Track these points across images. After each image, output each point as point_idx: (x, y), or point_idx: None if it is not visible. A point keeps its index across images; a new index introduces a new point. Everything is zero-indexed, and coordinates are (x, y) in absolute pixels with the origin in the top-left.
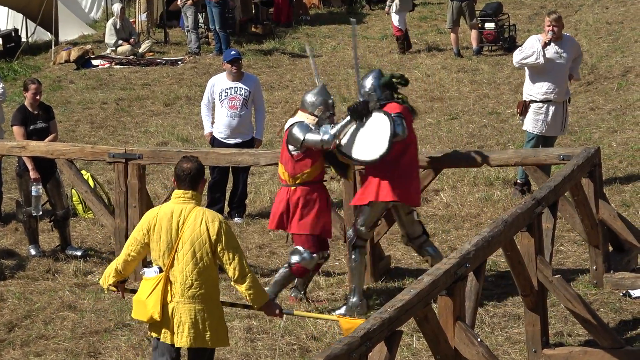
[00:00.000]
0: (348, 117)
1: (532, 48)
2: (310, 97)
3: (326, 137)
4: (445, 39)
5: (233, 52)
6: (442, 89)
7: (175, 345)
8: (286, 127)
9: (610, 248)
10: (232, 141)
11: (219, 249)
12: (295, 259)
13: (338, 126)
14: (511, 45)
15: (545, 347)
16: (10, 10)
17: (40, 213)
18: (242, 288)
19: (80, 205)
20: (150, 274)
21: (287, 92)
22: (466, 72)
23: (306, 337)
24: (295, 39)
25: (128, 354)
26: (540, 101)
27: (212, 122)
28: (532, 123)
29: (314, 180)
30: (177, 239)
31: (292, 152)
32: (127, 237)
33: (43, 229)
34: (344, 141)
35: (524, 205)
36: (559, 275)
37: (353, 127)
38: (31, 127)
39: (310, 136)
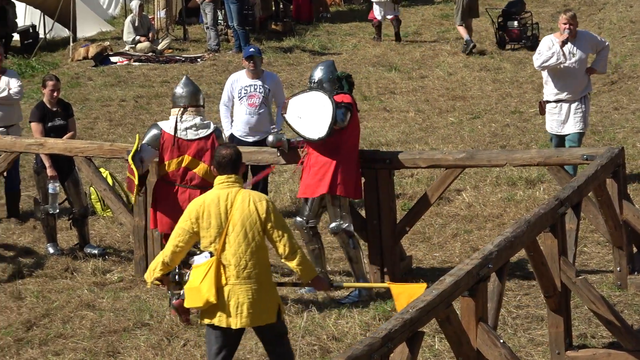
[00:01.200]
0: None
1: (550, 50)
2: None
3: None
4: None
5: (251, 49)
6: (464, 88)
7: (234, 327)
8: (210, 131)
9: (635, 249)
10: (250, 139)
11: (268, 227)
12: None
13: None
14: (534, 44)
15: (568, 349)
16: (28, 6)
17: (58, 211)
18: (292, 264)
19: (99, 203)
20: (201, 260)
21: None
22: (488, 71)
23: (327, 338)
24: (315, 36)
25: (147, 353)
26: (554, 101)
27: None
28: (548, 123)
29: None
30: (227, 222)
31: None
32: (146, 235)
33: (61, 227)
34: (289, 111)
35: (547, 205)
36: (583, 277)
37: (300, 100)
38: (49, 124)
39: None
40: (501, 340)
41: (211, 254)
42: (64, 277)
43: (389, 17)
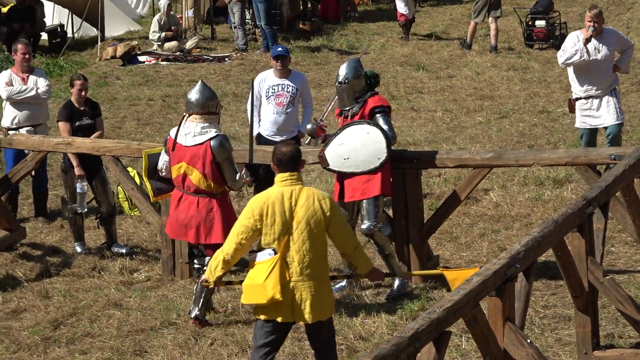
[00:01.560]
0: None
1: (574, 47)
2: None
3: (237, 185)
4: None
5: (279, 49)
6: (492, 87)
7: (296, 322)
8: (206, 138)
9: None
10: (278, 138)
11: (331, 224)
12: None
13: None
14: (562, 43)
15: (595, 349)
16: (56, 5)
17: (86, 210)
18: (353, 259)
19: (127, 202)
20: (264, 257)
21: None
22: (516, 71)
23: (354, 337)
24: (343, 36)
25: (174, 352)
26: (584, 97)
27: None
28: (579, 119)
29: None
30: (292, 220)
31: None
32: None
33: (89, 226)
34: (330, 161)
35: (575, 205)
36: (610, 277)
37: (335, 145)
38: (77, 123)
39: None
40: (528, 340)
41: (274, 251)
42: (91, 276)
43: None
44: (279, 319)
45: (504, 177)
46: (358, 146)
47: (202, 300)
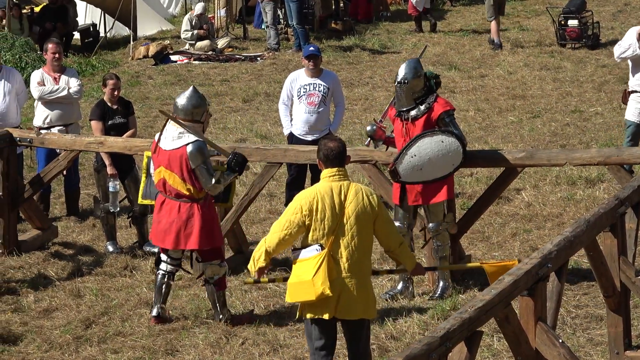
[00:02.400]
0: (230, 172)
1: (628, 41)
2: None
3: (214, 189)
4: (528, 36)
5: (311, 48)
6: (524, 87)
7: (342, 319)
8: (183, 142)
9: None
10: (309, 138)
11: (378, 221)
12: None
13: (226, 181)
14: (595, 43)
15: (627, 349)
16: (88, 5)
17: (118, 209)
18: (399, 256)
19: None
20: (311, 253)
21: (367, 89)
22: (549, 70)
23: (385, 337)
24: (375, 35)
25: (205, 351)
26: (638, 91)
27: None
28: (631, 111)
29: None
30: (342, 215)
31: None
32: None
33: (120, 225)
34: (403, 174)
35: (607, 205)
36: None
37: (409, 159)
38: (109, 122)
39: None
40: (560, 340)
41: (321, 247)
42: (123, 275)
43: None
44: (326, 316)
45: (536, 176)
46: (432, 156)
47: (218, 304)
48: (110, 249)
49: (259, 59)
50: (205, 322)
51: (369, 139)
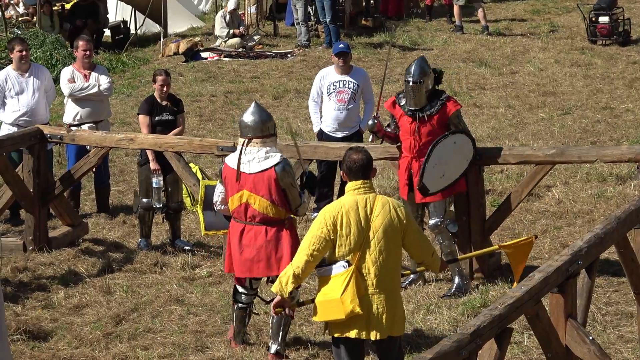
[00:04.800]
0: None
1: None
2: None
3: (303, 208)
4: (560, 33)
5: (341, 45)
6: (554, 84)
7: (371, 338)
8: (271, 164)
9: None
10: (339, 135)
11: (407, 234)
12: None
13: (308, 200)
14: (625, 40)
15: None
16: (119, 2)
17: (161, 205)
18: (430, 266)
19: (189, 198)
20: (339, 270)
21: (397, 85)
22: (579, 67)
23: (415, 334)
24: (405, 32)
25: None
26: None
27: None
28: None
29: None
30: (368, 229)
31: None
32: None
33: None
34: (428, 184)
35: (638, 202)
36: None
37: (431, 169)
38: (157, 117)
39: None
40: (590, 337)
41: (348, 263)
42: (153, 271)
43: None
44: (353, 334)
45: (566, 173)
46: (449, 160)
47: (281, 333)
48: (142, 245)
49: (289, 55)
50: None
51: (371, 135)
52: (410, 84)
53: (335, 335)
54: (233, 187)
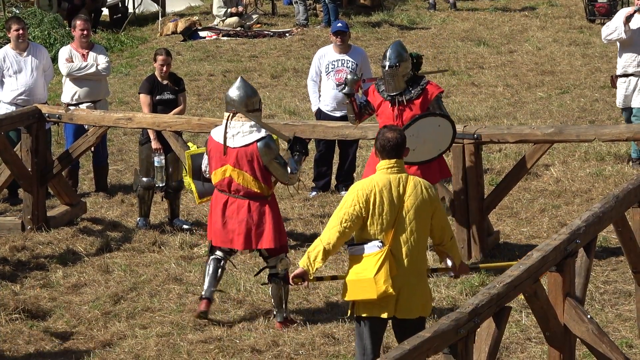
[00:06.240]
0: (299, 155)
1: (614, 23)
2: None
3: (292, 180)
4: (558, 11)
5: (339, 25)
6: (553, 63)
7: (400, 317)
8: (253, 139)
9: None
10: (338, 114)
11: (436, 214)
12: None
13: (298, 167)
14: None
15: None
16: None
17: (163, 184)
18: (449, 249)
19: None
20: (373, 249)
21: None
22: (578, 46)
23: None
24: (404, 11)
25: (234, 327)
26: (622, 75)
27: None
28: (618, 97)
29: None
30: (401, 209)
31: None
32: None
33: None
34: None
35: (636, 180)
36: None
37: (409, 137)
38: (157, 97)
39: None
40: (588, 316)
41: (382, 243)
42: (151, 250)
43: None
44: (384, 315)
45: (564, 152)
46: (428, 138)
47: (284, 302)
48: (141, 224)
49: (287, 34)
50: (234, 298)
51: (343, 85)
52: (386, 68)
53: (363, 314)
54: (217, 160)
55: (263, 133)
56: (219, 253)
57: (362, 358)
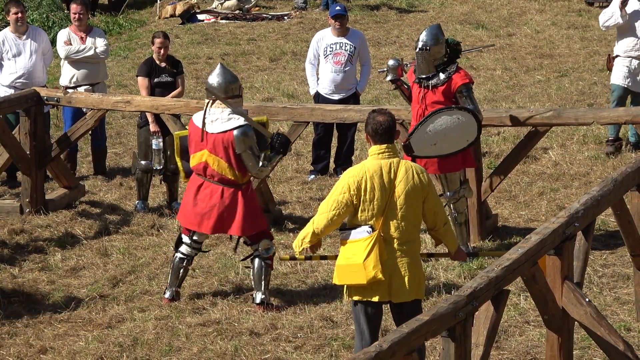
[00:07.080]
0: (275, 154)
1: (611, 9)
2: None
3: (260, 173)
4: None
5: (337, 8)
6: (551, 46)
7: (394, 302)
8: (231, 126)
9: None
10: (336, 97)
11: (428, 199)
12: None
13: (272, 163)
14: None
15: None
16: None
17: (162, 167)
18: (443, 235)
19: None
20: (362, 235)
21: (394, 47)
22: (576, 29)
23: None
24: None
25: (232, 310)
26: (623, 56)
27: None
28: (617, 75)
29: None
30: (392, 194)
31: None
32: None
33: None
34: (416, 148)
35: (634, 164)
36: None
37: (422, 133)
38: (155, 79)
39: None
40: (587, 299)
41: (372, 228)
42: (150, 234)
43: None
44: (376, 299)
45: (563, 135)
46: (448, 132)
47: (263, 282)
48: (139, 207)
49: (285, 18)
50: (232, 281)
51: (385, 70)
52: (417, 49)
53: (355, 298)
54: (196, 145)
55: (242, 121)
56: (184, 249)
57: (360, 341)
